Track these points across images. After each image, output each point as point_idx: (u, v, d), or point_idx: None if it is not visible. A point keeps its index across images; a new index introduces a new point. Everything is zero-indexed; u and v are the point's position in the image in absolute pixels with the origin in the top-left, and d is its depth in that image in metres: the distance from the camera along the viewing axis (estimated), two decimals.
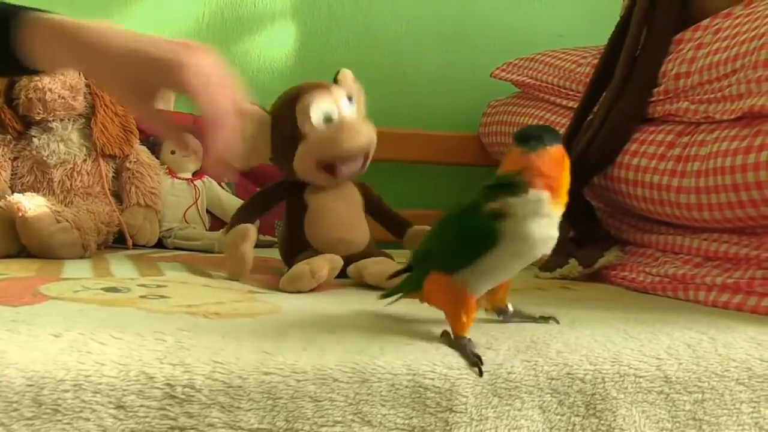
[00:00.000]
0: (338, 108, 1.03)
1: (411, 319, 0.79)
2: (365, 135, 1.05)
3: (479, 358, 0.65)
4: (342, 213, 1.06)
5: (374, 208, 1.13)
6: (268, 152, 1.06)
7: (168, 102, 1.65)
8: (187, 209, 1.49)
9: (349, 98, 1.06)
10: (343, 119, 1.03)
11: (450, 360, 0.67)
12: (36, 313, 0.72)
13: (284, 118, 1.04)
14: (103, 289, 0.88)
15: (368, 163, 1.07)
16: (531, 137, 0.61)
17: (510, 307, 0.78)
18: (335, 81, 1.11)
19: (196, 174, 1.54)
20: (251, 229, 1.01)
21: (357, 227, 1.07)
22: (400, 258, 1.09)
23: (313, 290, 0.94)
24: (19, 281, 0.93)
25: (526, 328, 0.76)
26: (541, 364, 0.68)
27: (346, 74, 1.12)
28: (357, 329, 0.72)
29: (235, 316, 0.76)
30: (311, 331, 0.70)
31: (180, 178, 1.51)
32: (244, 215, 1.05)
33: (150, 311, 0.75)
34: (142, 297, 0.84)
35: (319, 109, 1.03)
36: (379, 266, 1.00)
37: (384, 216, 1.15)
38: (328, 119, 1.03)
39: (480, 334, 0.73)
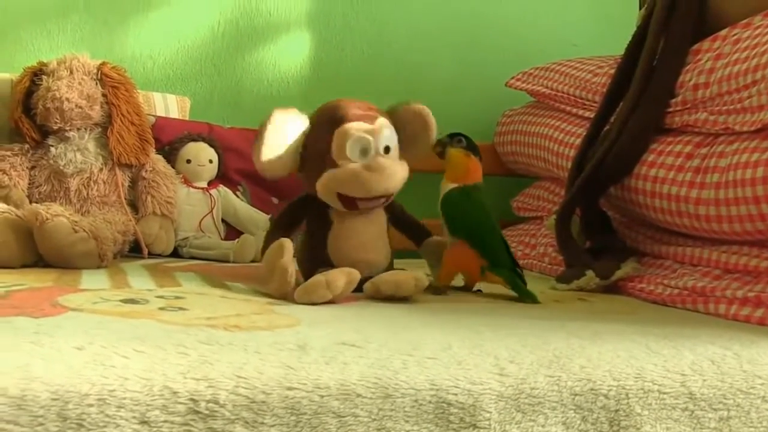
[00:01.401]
0: (376, 145, 1.00)
1: (432, 331, 0.78)
2: (395, 180, 1.01)
3: None
4: (366, 234, 1.04)
5: (396, 219, 1.12)
6: (297, 162, 1.03)
7: (184, 111, 1.65)
8: (203, 218, 1.49)
9: (391, 137, 1.02)
10: (377, 159, 0.99)
11: (473, 375, 0.67)
12: (57, 324, 0.72)
13: (321, 136, 1.01)
14: (121, 300, 0.88)
15: (390, 199, 1.05)
16: None
17: None
18: (393, 109, 1.06)
19: (212, 183, 1.54)
20: (286, 242, 0.98)
21: (380, 248, 1.06)
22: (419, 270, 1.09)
23: (329, 302, 0.94)
24: (37, 292, 0.93)
25: (548, 342, 0.76)
26: (564, 379, 0.67)
27: (410, 111, 1.06)
28: (378, 343, 0.71)
29: (255, 328, 0.76)
30: (332, 344, 0.70)
31: (195, 188, 1.51)
32: (280, 231, 1.03)
33: (170, 323, 0.75)
34: (161, 309, 0.84)
35: (356, 142, 0.99)
36: (395, 276, 1.00)
37: (405, 224, 1.14)
38: (363, 152, 1.00)
39: (502, 347, 0.73)
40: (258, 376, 0.61)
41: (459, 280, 1.13)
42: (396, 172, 1.02)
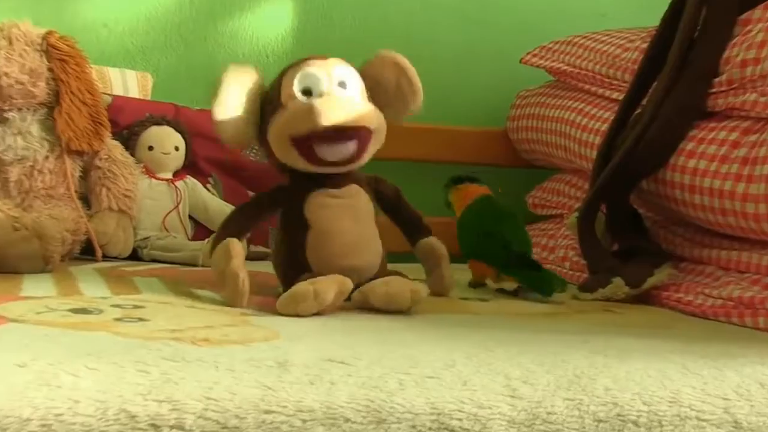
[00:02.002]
0: (328, 81, 1.00)
1: (433, 346, 0.79)
2: (353, 108, 1.00)
3: None
4: (350, 233, 1.03)
5: (390, 205, 1.11)
6: (250, 126, 1.03)
7: (145, 89, 1.65)
8: (167, 215, 1.49)
9: (352, 78, 1.03)
10: (328, 92, 1.00)
11: (480, 397, 0.67)
12: None
13: (272, 89, 1.03)
14: (70, 310, 0.88)
15: (366, 154, 1.03)
16: None
17: None
18: (366, 62, 1.07)
19: (178, 174, 1.54)
20: (233, 243, 0.98)
21: (369, 248, 1.05)
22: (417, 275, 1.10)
23: (314, 315, 0.94)
24: None
25: (567, 360, 0.76)
26: (586, 403, 0.68)
27: (382, 58, 1.07)
28: (369, 359, 0.71)
29: (228, 342, 0.76)
30: (317, 361, 0.70)
31: (159, 179, 1.51)
32: (230, 228, 1.03)
33: (128, 337, 0.75)
34: (117, 320, 0.84)
35: (305, 78, 1.01)
36: (387, 287, 0.99)
37: (400, 214, 1.13)
38: (309, 91, 1.00)
39: (514, 365, 0.73)
40: (230, 398, 0.61)
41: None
42: (355, 103, 1.00)
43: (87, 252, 1.39)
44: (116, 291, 1.03)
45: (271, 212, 1.07)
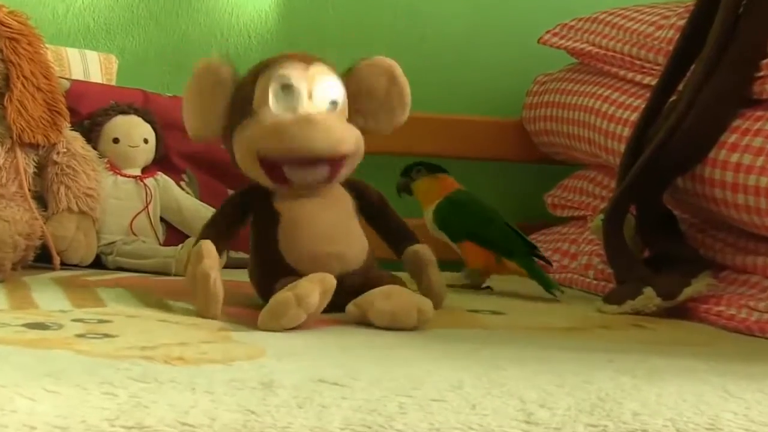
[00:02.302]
0: (307, 94, 1.03)
1: (437, 364, 0.80)
2: (330, 135, 1.02)
3: None
4: (326, 220, 1.06)
5: (375, 212, 1.14)
6: (219, 125, 1.07)
7: (110, 73, 1.66)
8: (135, 217, 1.49)
9: (337, 91, 1.06)
10: (306, 110, 1.02)
11: (491, 422, 0.68)
12: None
13: (243, 87, 1.05)
14: (25, 325, 0.88)
15: (338, 177, 1.06)
16: None
17: None
18: (351, 67, 1.10)
19: (147, 170, 1.55)
20: (206, 244, 1.00)
21: (349, 237, 1.07)
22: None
23: (302, 326, 0.95)
24: None
25: (591, 380, 0.77)
26: (611, 429, 0.69)
27: (374, 68, 1.10)
28: (366, 380, 0.72)
29: (205, 361, 0.76)
30: (307, 382, 0.70)
31: (125, 176, 1.52)
32: (208, 234, 1.05)
33: (92, 355, 0.76)
34: (79, 336, 0.85)
35: (283, 84, 1.03)
36: (390, 303, 1.00)
37: (387, 222, 1.16)
38: (291, 100, 1.02)
39: (530, 387, 0.74)
40: (209, 423, 0.61)
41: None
42: (330, 127, 1.03)
43: (43, 259, 1.39)
44: (78, 303, 1.04)
45: (249, 212, 1.09)
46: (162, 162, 1.58)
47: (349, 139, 1.05)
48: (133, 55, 1.76)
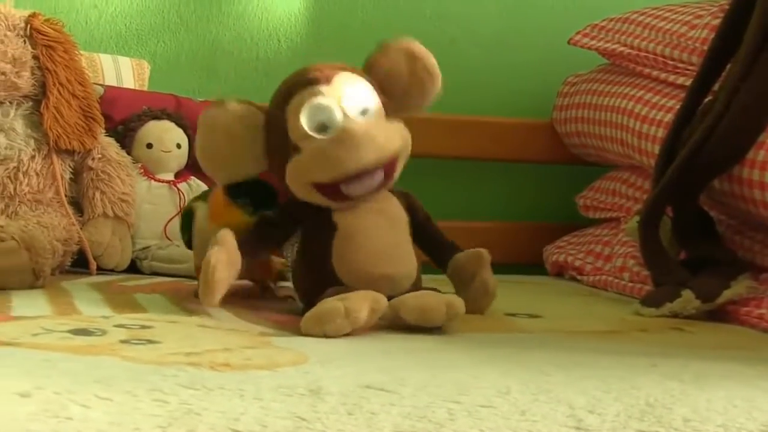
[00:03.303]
0: (340, 109, 1.02)
1: (482, 370, 0.79)
2: (374, 145, 1.02)
3: None
4: (385, 237, 1.05)
5: (419, 230, 1.12)
6: (263, 162, 1.08)
7: (142, 78, 1.67)
8: (169, 221, 1.50)
9: (365, 94, 1.05)
10: (344, 127, 1.00)
11: (541, 428, 0.67)
12: None
13: (276, 121, 1.04)
14: (70, 331, 0.89)
15: (395, 175, 1.06)
16: None
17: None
18: (368, 61, 1.09)
19: (181, 175, 1.55)
20: (222, 234, 1.00)
21: (404, 256, 1.06)
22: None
23: (343, 335, 0.95)
24: None
25: (638, 386, 0.77)
26: None
27: (389, 52, 1.08)
28: (413, 386, 0.72)
29: (251, 367, 0.77)
30: (354, 388, 0.71)
31: (159, 181, 1.52)
32: (252, 240, 1.05)
33: (138, 361, 0.77)
34: (123, 342, 0.85)
35: (313, 113, 1.02)
36: (420, 300, 1.00)
37: (430, 240, 1.15)
38: (322, 128, 1.01)
39: (577, 392, 0.74)
40: (260, 430, 0.62)
41: None
42: (372, 137, 1.02)
43: (79, 264, 1.40)
44: (118, 309, 1.05)
45: (301, 222, 1.08)
46: (194, 167, 1.57)
47: (393, 139, 1.04)
48: (165, 61, 1.76)
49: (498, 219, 1.87)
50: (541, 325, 1.12)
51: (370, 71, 1.08)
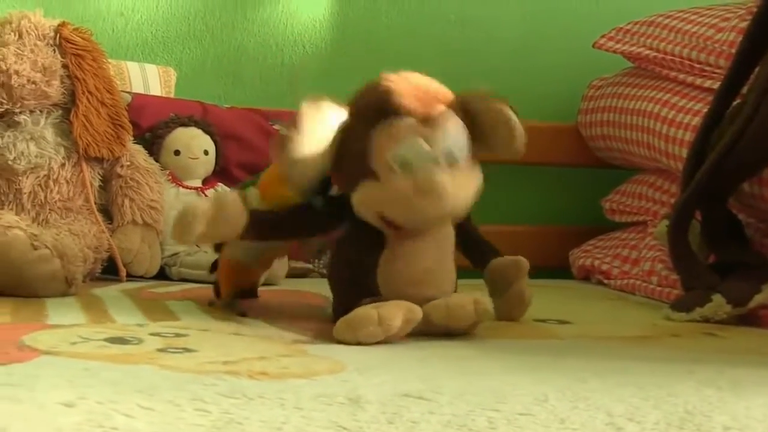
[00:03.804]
0: (432, 155, 0.96)
1: (519, 377, 0.79)
2: (458, 201, 0.99)
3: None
4: (431, 258, 1.03)
5: (465, 239, 1.11)
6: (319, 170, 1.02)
7: (168, 85, 1.68)
8: None
9: (458, 140, 0.99)
10: (434, 176, 0.96)
11: None
12: (31, 373, 0.74)
13: (360, 132, 0.99)
14: (106, 339, 0.90)
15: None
16: None
17: None
18: (466, 101, 1.02)
19: (208, 181, 1.56)
20: (230, 194, 1.00)
21: (446, 275, 1.05)
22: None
23: (377, 343, 0.95)
24: None
25: (675, 393, 0.77)
26: None
27: (475, 101, 1.02)
28: (451, 394, 0.73)
29: (289, 376, 0.77)
30: (393, 397, 0.71)
31: (187, 187, 1.53)
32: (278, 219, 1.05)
33: (177, 370, 0.77)
34: (160, 350, 0.86)
35: (404, 150, 0.96)
36: (447, 301, 1.00)
37: (469, 241, 1.14)
38: (409, 167, 0.96)
39: (615, 400, 0.74)
40: None
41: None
42: (460, 192, 0.99)
43: (108, 271, 1.41)
44: (151, 317, 1.05)
45: (339, 224, 1.05)
46: (221, 173, 1.59)
47: (469, 198, 1.01)
48: (190, 68, 1.77)
49: (523, 223, 1.87)
50: (571, 331, 1.12)
51: (465, 105, 1.02)
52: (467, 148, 1.00)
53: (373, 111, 0.99)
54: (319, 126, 0.99)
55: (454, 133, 0.99)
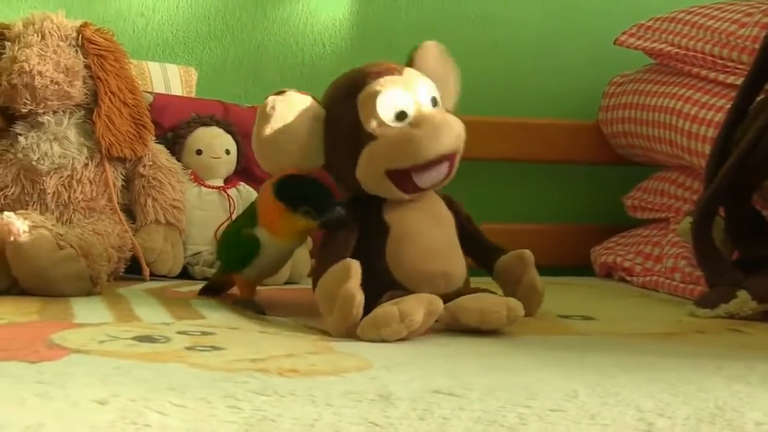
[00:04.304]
0: (415, 99, 1.05)
1: (547, 373, 0.80)
2: (453, 133, 1.05)
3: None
4: (438, 236, 1.06)
5: (463, 232, 1.13)
6: (321, 156, 1.08)
7: (189, 85, 1.68)
8: (219, 227, 1.51)
9: (431, 86, 1.08)
10: (422, 113, 1.04)
11: None
12: (63, 371, 0.74)
13: (342, 113, 1.06)
14: (134, 338, 0.90)
15: (454, 171, 1.08)
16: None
17: None
18: (410, 61, 1.12)
19: (230, 181, 1.56)
20: (353, 264, 0.98)
21: (457, 255, 1.08)
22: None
23: (402, 339, 0.95)
24: (21, 328, 0.97)
25: (705, 389, 0.77)
26: None
27: (429, 50, 1.14)
28: (481, 390, 0.73)
29: (318, 373, 0.78)
30: (423, 393, 0.71)
31: (209, 187, 1.54)
32: (336, 249, 1.04)
33: (206, 368, 0.78)
34: (188, 349, 0.86)
35: (390, 100, 1.04)
36: (479, 303, 1.01)
37: (473, 242, 1.15)
38: (401, 115, 1.04)
39: (645, 396, 0.74)
40: None
41: None
42: (451, 124, 1.05)
43: (132, 270, 1.42)
44: (177, 315, 1.06)
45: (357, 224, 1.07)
46: (243, 172, 1.59)
47: (462, 131, 1.07)
48: (211, 67, 1.77)
49: (544, 221, 1.87)
50: (596, 327, 1.12)
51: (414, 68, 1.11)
52: (453, 87, 1.11)
53: (347, 87, 1.07)
54: (289, 113, 1.06)
55: (426, 81, 1.07)
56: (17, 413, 0.62)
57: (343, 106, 1.06)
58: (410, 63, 1.12)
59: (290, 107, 1.07)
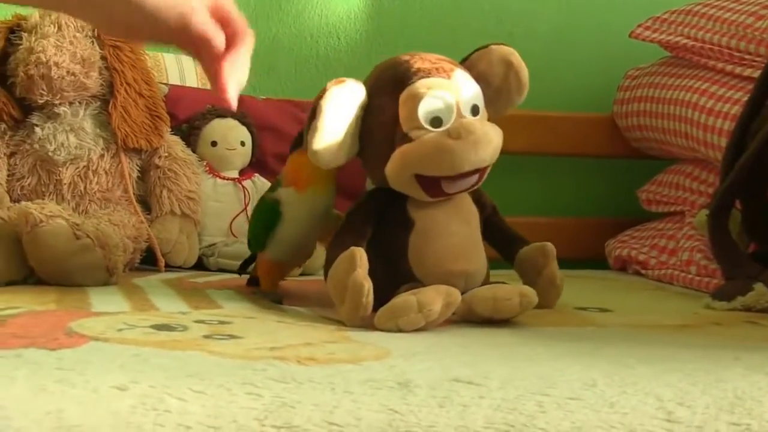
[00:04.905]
0: (458, 107, 1.01)
1: (565, 363, 0.80)
2: (491, 147, 1.02)
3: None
4: (461, 233, 1.05)
5: (487, 222, 1.12)
6: (357, 144, 1.05)
7: (205, 79, 1.68)
8: (234, 218, 1.51)
9: (478, 93, 1.04)
10: (463, 124, 1.00)
11: (632, 420, 0.68)
12: (82, 358, 0.75)
13: (383, 105, 1.03)
14: (152, 326, 0.91)
15: (483, 180, 1.06)
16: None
17: None
18: (468, 59, 1.09)
19: (245, 172, 1.57)
20: (358, 251, 0.98)
21: (478, 252, 1.07)
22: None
23: (419, 330, 0.95)
24: (40, 316, 0.97)
25: (723, 379, 0.77)
26: (755, 428, 0.68)
27: (494, 54, 1.08)
28: (500, 379, 0.73)
29: (336, 361, 0.78)
30: (442, 381, 0.72)
31: (224, 178, 1.54)
32: (348, 238, 1.03)
33: (225, 356, 0.78)
34: (206, 337, 0.87)
35: (432, 106, 1.00)
36: (492, 292, 1.01)
37: (497, 233, 1.15)
38: (439, 121, 1.00)
39: (663, 385, 0.74)
40: (355, 423, 0.63)
41: None
42: (490, 138, 1.02)
43: (147, 261, 1.42)
44: (194, 305, 1.06)
45: (379, 215, 1.07)
46: (258, 164, 1.60)
47: (500, 144, 1.04)
48: None
49: (559, 214, 1.87)
50: (613, 319, 1.12)
51: (467, 69, 1.07)
52: (482, 98, 1.05)
53: (392, 81, 1.04)
54: (343, 107, 1.02)
55: (473, 87, 1.04)
56: (38, 399, 0.63)
57: (384, 100, 1.03)
58: (467, 61, 1.08)
59: (350, 97, 1.03)
